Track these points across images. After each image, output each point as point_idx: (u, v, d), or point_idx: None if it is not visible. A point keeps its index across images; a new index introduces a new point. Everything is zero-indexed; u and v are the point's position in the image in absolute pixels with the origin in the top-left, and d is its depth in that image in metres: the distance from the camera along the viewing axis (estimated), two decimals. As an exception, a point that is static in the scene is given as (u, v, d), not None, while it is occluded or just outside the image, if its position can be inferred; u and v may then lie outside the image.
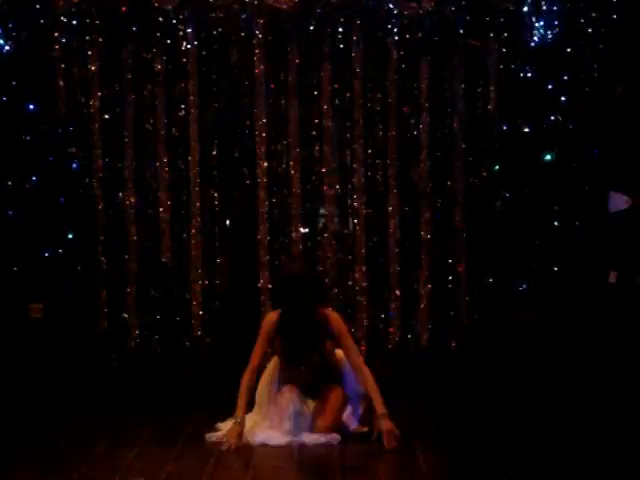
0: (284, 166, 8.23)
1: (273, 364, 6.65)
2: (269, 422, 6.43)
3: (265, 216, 8.18)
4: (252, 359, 6.49)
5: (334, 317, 6.54)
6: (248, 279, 8.22)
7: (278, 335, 6.50)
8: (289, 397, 6.43)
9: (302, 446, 6.26)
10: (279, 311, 6.54)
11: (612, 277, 7.31)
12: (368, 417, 6.52)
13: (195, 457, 6.06)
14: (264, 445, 6.27)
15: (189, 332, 8.21)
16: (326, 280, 8.02)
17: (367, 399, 6.50)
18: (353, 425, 6.54)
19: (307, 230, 8.24)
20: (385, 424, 6.24)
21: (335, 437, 6.35)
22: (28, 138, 7.65)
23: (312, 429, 6.38)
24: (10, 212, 7.53)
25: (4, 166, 7.53)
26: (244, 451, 6.18)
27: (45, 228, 7.65)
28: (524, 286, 7.50)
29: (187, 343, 8.19)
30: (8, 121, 7.60)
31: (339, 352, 6.61)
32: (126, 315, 8.20)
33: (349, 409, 6.55)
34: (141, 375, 8.13)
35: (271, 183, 8.21)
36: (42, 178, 7.66)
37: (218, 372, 8.11)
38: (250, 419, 6.47)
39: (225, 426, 6.50)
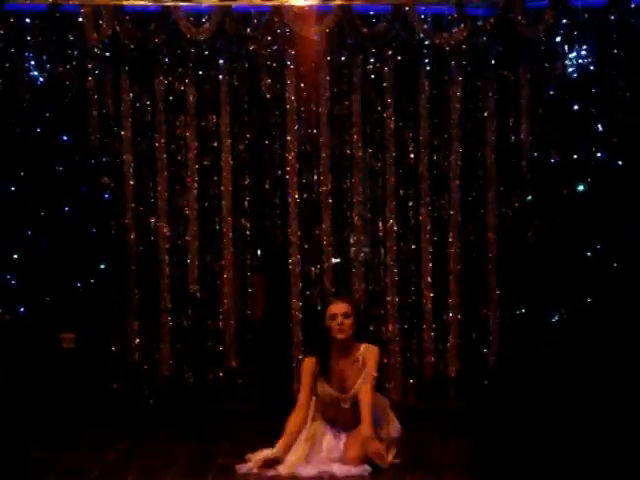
0: (314, 196, 8.24)
1: (312, 405, 6.63)
2: (300, 452, 6.40)
3: (297, 245, 8.19)
4: (300, 399, 6.51)
5: (371, 351, 6.56)
6: (280, 309, 8.22)
7: (319, 377, 6.51)
8: (323, 430, 6.41)
9: (333, 477, 6.22)
10: (315, 358, 6.56)
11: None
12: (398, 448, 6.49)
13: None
14: (294, 477, 6.24)
15: (222, 362, 8.21)
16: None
17: (400, 440, 6.52)
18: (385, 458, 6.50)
19: (339, 260, 8.23)
20: (370, 447, 6.26)
21: (366, 469, 6.31)
22: (61, 169, 7.70)
23: (343, 460, 6.34)
24: (43, 242, 7.57)
25: (38, 196, 7.58)
26: (275, 482, 6.17)
27: (77, 258, 7.68)
28: (556, 317, 7.44)
29: (220, 374, 8.19)
30: (42, 152, 7.65)
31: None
32: (157, 345, 8.21)
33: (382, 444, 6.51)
34: (173, 405, 8.13)
35: (302, 213, 8.22)
36: (75, 208, 7.70)
37: (250, 403, 8.11)
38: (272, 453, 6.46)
39: (255, 456, 6.47)
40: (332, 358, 6.55)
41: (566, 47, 7.85)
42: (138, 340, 8.19)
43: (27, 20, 7.89)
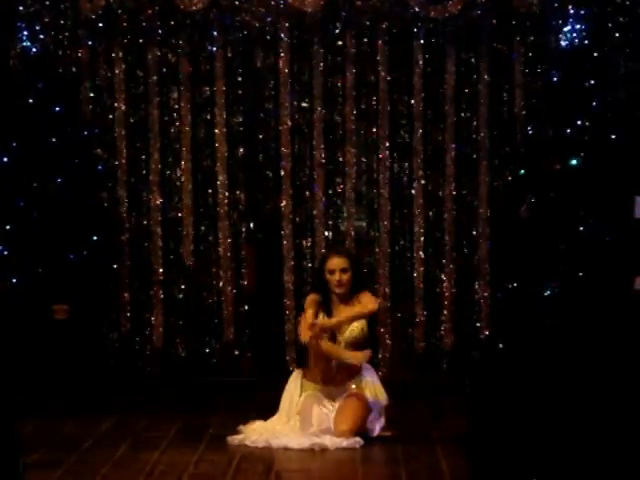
0: (308, 169, 8.23)
1: (296, 375, 6.64)
2: (291, 425, 6.42)
3: (289, 218, 8.19)
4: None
5: (368, 296, 6.59)
6: (273, 280, 8.23)
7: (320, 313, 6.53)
8: (312, 402, 6.43)
9: (324, 450, 6.24)
10: (318, 294, 6.59)
11: (638, 283, 7.26)
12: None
13: (217, 460, 6.06)
14: (286, 449, 6.26)
15: (215, 334, 8.22)
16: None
17: (387, 409, 6.52)
18: (376, 431, 6.53)
19: (331, 232, 8.24)
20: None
21: (357, 441, 6.33)
22: (54, 140, 7.68)
23: (334, 433, 6.36)
24: (35, 214, 7.56)
25: (29, 168, 7.56)
26: (266, 454, 6.18)
27: (70, 230, 7.67)
28: (548, 291, 7.46)
29: (213, 345, 8.21)
30: (34, 123, 7.62)
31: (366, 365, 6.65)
32: (149, 316, 8.22)
33: (372, 415, 6.53)
34: (165, 376, 8.16)
35: (295, 185, 8.21)
36: (67, 180, 7.69)
37: (243, 374, 8.13)
38: (272, 424, 6.48)
39: (247, 428, 6.50)
40: (331, 302, 6.58)
41: (560, 21, 7.83)
42: (130, 311, 8.21)
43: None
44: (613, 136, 7.38)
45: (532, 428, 6.48)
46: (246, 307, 8.27)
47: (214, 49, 8.17)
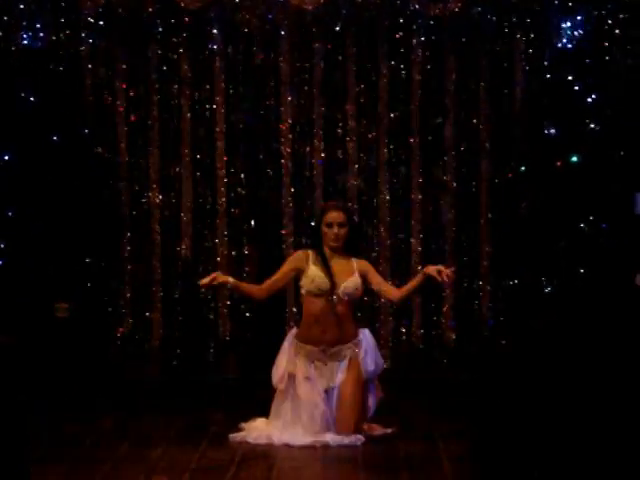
0: (308, 166, 8.24)
1: (290, 336, 6.59)
2: (289, 418, 6.40)
3: (290, 215, 8.19)
4: (267, 281, 6.51)
5: (364, 264, 6.55)
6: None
7: (314, 266, 6.47)
8: (310, 394, 6.40)
9: (326, 447, 6.25)
10: (308, 251, 6.54)
11: (638, 280, 7.27)
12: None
13: (219, 457, 6.06)
14: (288, 446, 6.27)
15: (215, 333, 8.23)
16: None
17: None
18: (378, 429, 6.52)
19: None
20: (427, 270, 6.31)
21: (359, 438, 6.33)
22: (54, 138, 7.68)
23: (336, 430, 6.36)
24: (36, 212, 7.56)
25: (31, 166, 7.56)
26: (268, 451, 6.19)
27: (71, 228, 7.68)
28: (549, 288, 7.47)
29: (213, 344, 8.22)
30: (35, 121, 7.62)
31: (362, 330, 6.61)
32: (149, 314, 8.23)
33: (370, 388, 6.48)
34: (166, 374, 8.17)
35: (296, 182, 8.22)
36: (68, 178, 7.70)
37: (243, 372, 8.14)
38: (267, 422, 6.49)
39: (249, 426, 6.51)
40: (327, 256, 6.51)
41: (561, 18, 7.83)
42: (130, 309, 8.22)
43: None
44: (613, 133, 7.39)
45: (535, 426, 6.48)
46: (246, 306, 8.27)
47: (214, 47, 8.17)
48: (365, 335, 6.56)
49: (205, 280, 6.34)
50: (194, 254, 8.25)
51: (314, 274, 6.46)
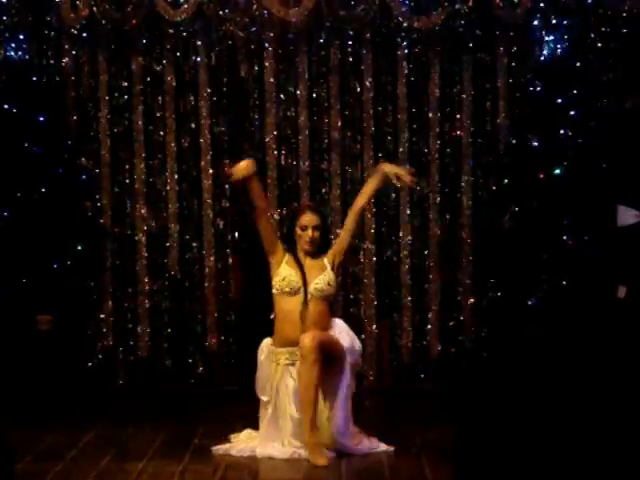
0: (293, 178, 8.24)
1: (264, 346, 6.52)
2: (271, 430, 6.37)
3: (276, 226, 8.19)
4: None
5: (329, 251, 6.49)
6: (259, 291, 8.21)
7: (286, 262, 6.43)
8: (286, 406, 6.36)
9: (307, 459, 6.23)
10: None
11: (621, 292, 7.29)
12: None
13: (202, 470, 6.05)
14: (271, 458, 6.26)
15: (201, 344, 8.22)
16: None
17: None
18: (374, 443, 6.49)
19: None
20: (383, 167, 6.42)
21: (358, 447, 6.31)
22: (37, 149, 7.67)
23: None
24: (18, 223, 7.54)
25: (13, 177, 7.55)
26: (251, 464, 6.18)
27: (54, 239, 7.66)
28: (532, 300, 7.48)
29: (199, 355, 8.21)
30: (18, 132, 7.62)
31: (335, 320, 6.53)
32: (132, 326, 8.21)
33: (347, 361, 6.38)
34: (149, 387, 8.15)
35: (281, 195, 8.22)
36: (51, 189, 7.68)
37: (228, 385, 8.13)
38: (252, 435, 6.48)
39: (235, 438, 6.49)
40: (300, 257, 6.48)
41: (543, 31, 7.86)
42: (114, 322, 8.21)
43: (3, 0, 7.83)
44: (596, 145, 7.42)
45: (518, 436, 6.49)
46: (232, 317, 8.27)
47: (198, 59, 8.18)
48: (339, 324, 6.47)
49: (240, 169, 6.27)
50: (180, 265, 8.24)
51: (285, 272, 6.42)
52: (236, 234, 8.28)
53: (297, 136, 8.21)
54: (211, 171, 8.20)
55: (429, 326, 8.22)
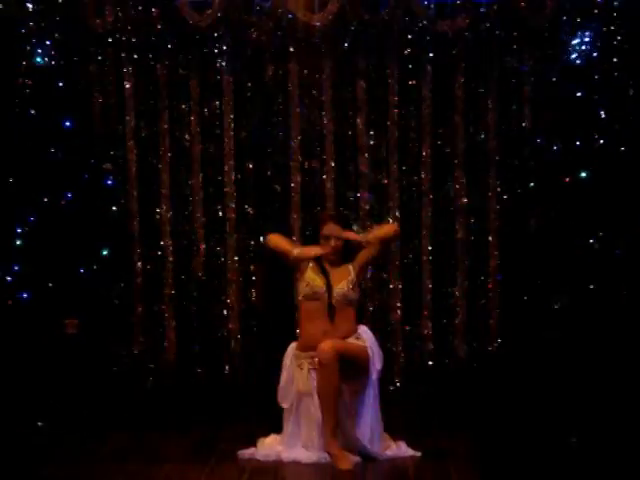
0: (317, 182, 8.25)
1: (290, 350, 6.56)
2: (294, 435, 6.37)
3: (299, 231, 8.20)
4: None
5: (355, 258, 6.56)
6: (281, 297, 8.22)
7: (312, 269, 6.48)
8: (309, 411, 6.36)
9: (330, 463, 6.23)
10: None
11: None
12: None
13: (228, 474, 6.06)
14: (296, 463, 6.26)
15: (226, 348, 8.23)
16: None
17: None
18: (403, 447, 6.48)
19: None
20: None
21: (385, 453, 6.31)
22: (63, 154, 7.71)
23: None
24: (46, 229, 7.58)
25: (40, 182, 7.59)
26: (276, 469, 6.18)
27: (81, 245, 7.70)
28: (558, 304, 7.46)
29: (224, 360, 8.22)
30: (44, 138, 7.65)
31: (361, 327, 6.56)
32: (163, 331, 8.24)
33: (370, 374, 6.42)
34: (177, 391, 8.16)
35: (305, 199, 8.23)
36: (77, 194, 7.72)
37: (253, 389, 8.13)
38: (278, 439, 6.48)
39: (262, 442, 6.49)
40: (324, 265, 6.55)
41: (570, 34, 7.83)
42: (141, 326, 8.23)
43: (29, 5, 7.86)
44: (622, 149, 7.38)
45: (545, 442, 6.47)
46: (255, 322, 8.28)
47: (223, 63, 8.19)
48: (365, 331, 6.51)
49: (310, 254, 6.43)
50: (205, 269, 8.25)
51: (310, 278, 6.48)
52: (260, 239, 8.28)
53: (322, 140, 8.21)
54: (233, 176, 8.20)
55: (454, 331, 8.20)
